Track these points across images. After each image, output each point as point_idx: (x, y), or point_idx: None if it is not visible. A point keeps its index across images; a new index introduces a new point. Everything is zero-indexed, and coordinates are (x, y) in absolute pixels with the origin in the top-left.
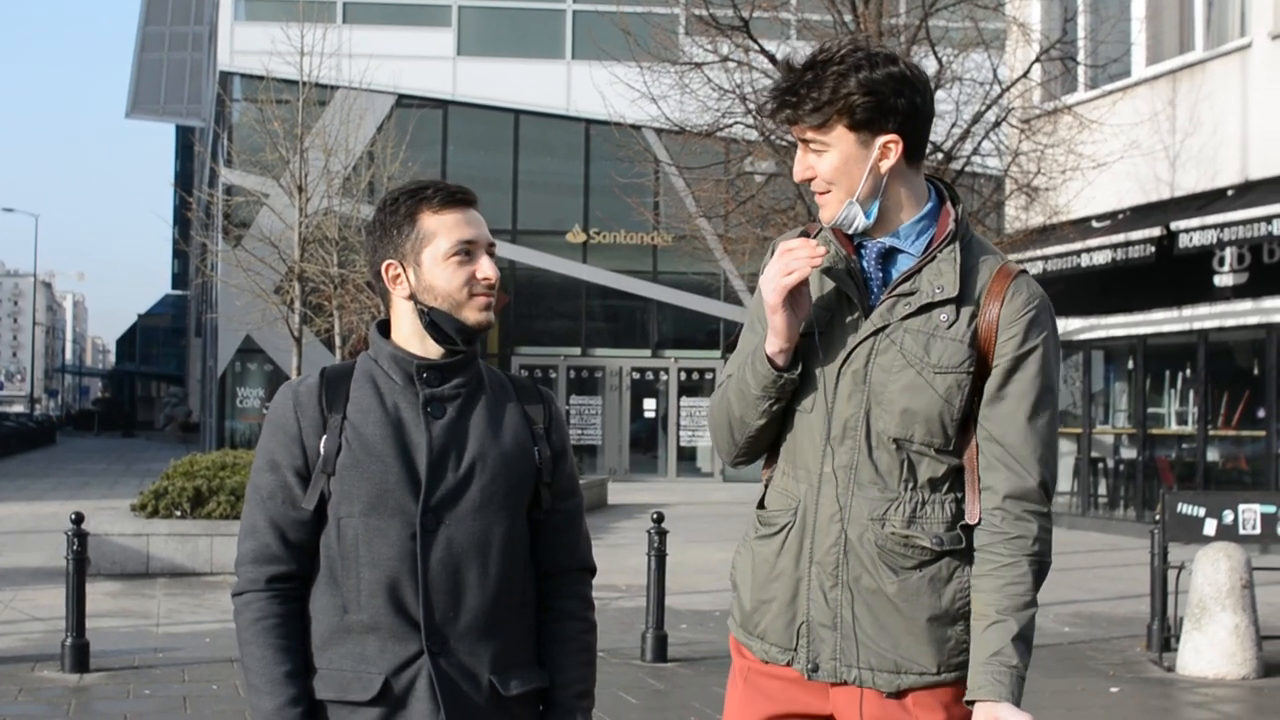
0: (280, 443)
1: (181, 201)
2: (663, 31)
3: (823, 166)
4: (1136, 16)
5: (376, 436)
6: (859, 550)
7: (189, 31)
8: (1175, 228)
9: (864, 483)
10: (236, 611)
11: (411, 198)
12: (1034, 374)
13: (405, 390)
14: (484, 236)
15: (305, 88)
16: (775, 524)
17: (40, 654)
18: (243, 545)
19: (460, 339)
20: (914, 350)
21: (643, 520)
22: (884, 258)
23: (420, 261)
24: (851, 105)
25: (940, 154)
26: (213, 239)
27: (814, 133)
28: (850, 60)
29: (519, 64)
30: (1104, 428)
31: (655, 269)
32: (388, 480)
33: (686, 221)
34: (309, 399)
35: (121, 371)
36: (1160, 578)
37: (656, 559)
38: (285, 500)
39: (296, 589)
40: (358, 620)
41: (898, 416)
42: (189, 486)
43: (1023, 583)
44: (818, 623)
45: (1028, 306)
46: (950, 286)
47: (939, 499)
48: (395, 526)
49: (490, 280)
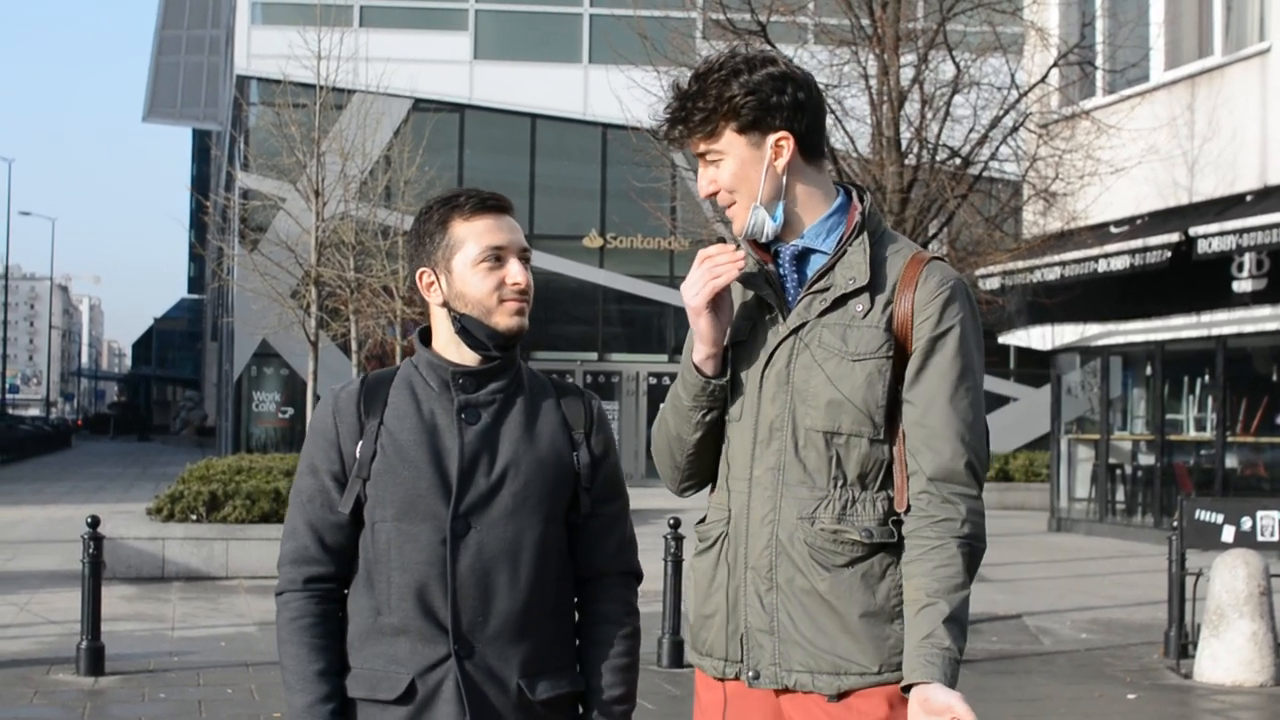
0: (319, 447)
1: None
2: (680, 36)
3: (722, 176)
4: (1155, 21)
5: (410, 442)
6: (790, 551)
7: (206, 35)
8: (1194, 233)
9: (792, 483)
10: (277, 610)
11: (444, 205)
12: (952, 354)
13: (441, 396)
14: (515, 242)
15: (322, 92)
16: (710, 536)
17: (55, 657)
18: (284, 546)
19: (492, 345)
20: (832, 342)
21: (659, 525)
22: (798, 260)
23: (451, 268)
24: (735, 107)
25: (958, 159)
26: (229, 243)
27: (706, 142)
28: (729, 66)
29: (536, 68)
30: (1122, 434)
31: (672, 273)
32: (419, 486)
33: (703, 226)
34: (348, 405)
35: (137, 375)
36: (1178, 584)
37: (673, 565)
38: (323, 504)
39: (334, 590)
40: (389, 622)
41: (823, 409)
42: (205, 490)
43: (952, 564)
44: (755, 629)
45: (940, 288)
46: (861, 276)
47: (869, 496)
48: (426, 531)
49: (520, 285)
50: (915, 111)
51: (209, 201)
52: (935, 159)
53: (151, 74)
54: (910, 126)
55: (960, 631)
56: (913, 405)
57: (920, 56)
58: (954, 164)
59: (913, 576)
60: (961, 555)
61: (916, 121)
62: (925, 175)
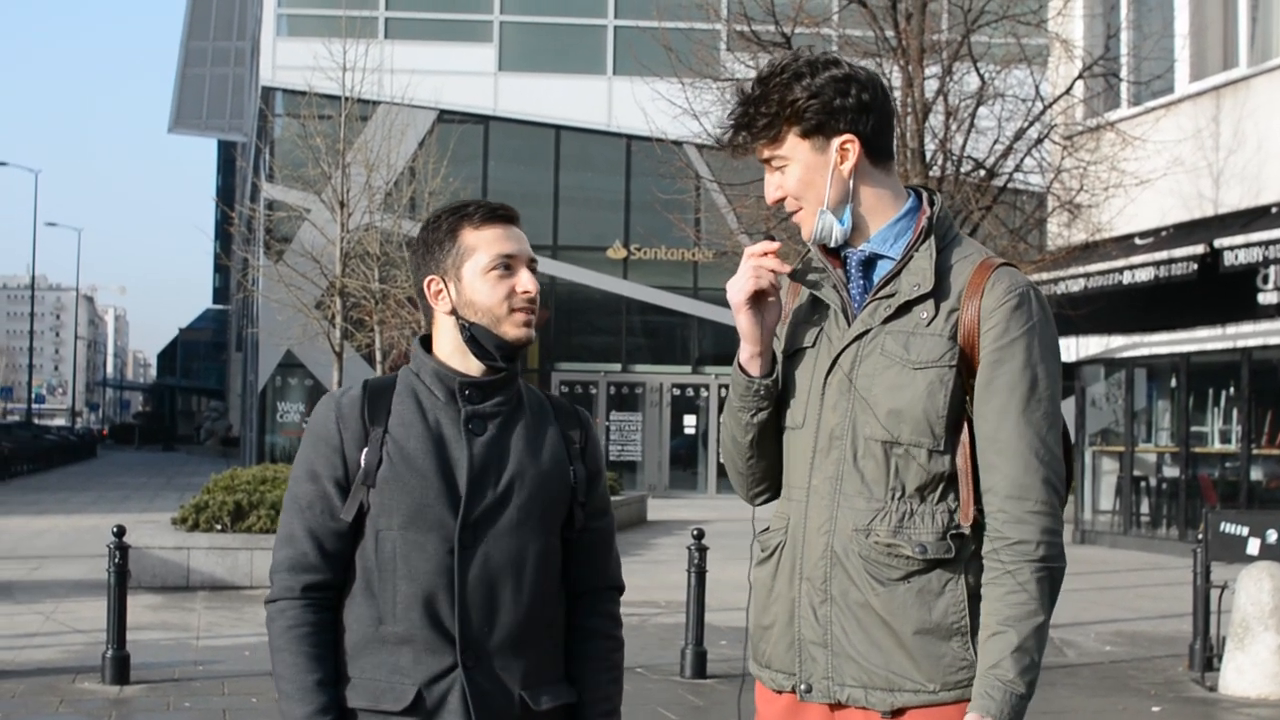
0: (321, 453)
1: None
2: (704, 48)
3: (788, 182)
4: (1180, 33)
5: (418, 451)
6: (845, 563)
7: (231, 47)
8: (1219, 245)
9: (849, 493)
10: (269, 619)
11: (453, 215)
12: (1021, 364)
13: (447, 406)
14: (524, 252)
15: (348, 103)
16: (770, 545)
17: (81, 666)
18: (279, 553)
19: (499, 354)
20: (894, 350)
21: (682, 537)
22: (867, 265)
23: (461, 276)
24: (799, 111)
25: (983, 170)
26: (254, 254)
27: (770, 148)
28: (792, 69)
29: (560, 79)
30: (1146, 446)
31: (696, 285)
32: (427, 495)
33: (727, 237)
34: (351, 410)
35: (162, 385)
36: (1203, 597)
37: (697, 575)
38: (324, 510)
39: (330, 598)
40: (392, 631)
41: (884, 418)
42: (229, 500)
43: (1024, 590)
44: (809, 641)
45: (1008, 294)
46: (926, 282)
47: (928, 509)
48: (433, 541)
49: (530, 294)
50: (940, 123)
51: (234, 213)
52: (960, 170)
53: (177, 85)
54: (935, 138)
55: (1029, 662)
56: (984, 419)
57: (945, 68)
58: (978, 176)
59: (987, 600)
60: (1036, 580)
61: (941, 133)
62: (950, 187)
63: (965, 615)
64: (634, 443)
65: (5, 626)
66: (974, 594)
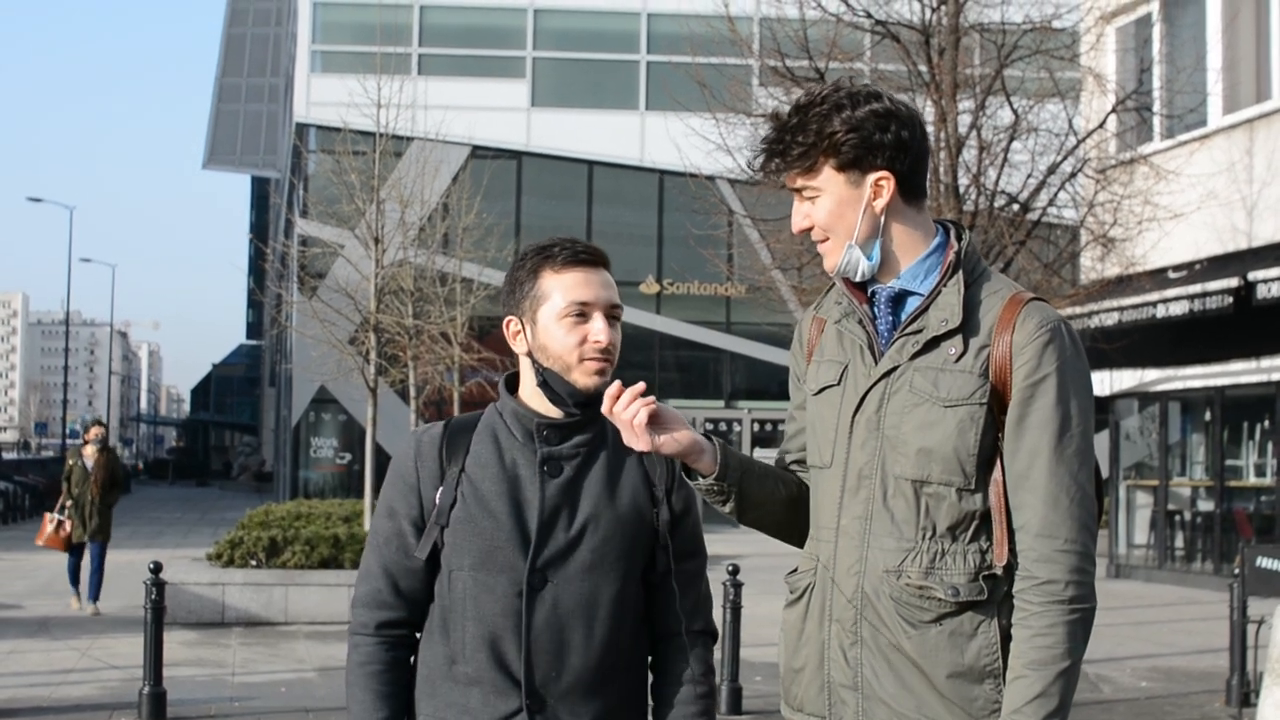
0: (399, 491)
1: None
2: (737, 83)
3: (818, 213)
4: (1212, 67)
5: (492, 492)
6: (875, 604)
7: (265, 83)
8: (1253, 278)
9: (879, 533)
10: (348, 650)
11: (538, 255)
12: (1052, 401)
13: (525, 447)
14: (604, 299)
15: (382, 139)
16: (799, 587)
17: (118, 702)
18: (359, 588)
19: (571, 401)
20: (924, 387)
21: (716, 571)
22: (895, 302)
23: (536, 319)
24: (836, 144)
25: (1016, 205)
26: (288, 289)
27: (804, 178)
28: (832, 100)
29: (593, 115)
30: (1181, 479)
31: (729, 320)
32: (498, 537)
33: (761, 273)
34: (430, 449)
35: (196, 421)
36: (1239, 632)
37: (732, 611)
38: (399, 548)
39: (405, 636)
40: (463, 672)
41: (913, 457)
42: (264, 536)
43: (1051, 634)
44: (839, 684)
45: (1039, 330)
46: (954, 318)
47: (959, 549)
48: (503, 583)
49: (602, 344)
50: (973, 158)
51: (268, 248)
52: (993, 205)
53: (211, 121)
54: (968, 173)
55: (1053, 708)
56: (1015, 457)
57: (978, 103)
58: (1012, 210)
59: (1016, 642)
60: (1064, 624)
61: (974, 167)
62: (983, 221)
63: (998, 657)
64: None
65: (42, 663)
66: (1006, 635)
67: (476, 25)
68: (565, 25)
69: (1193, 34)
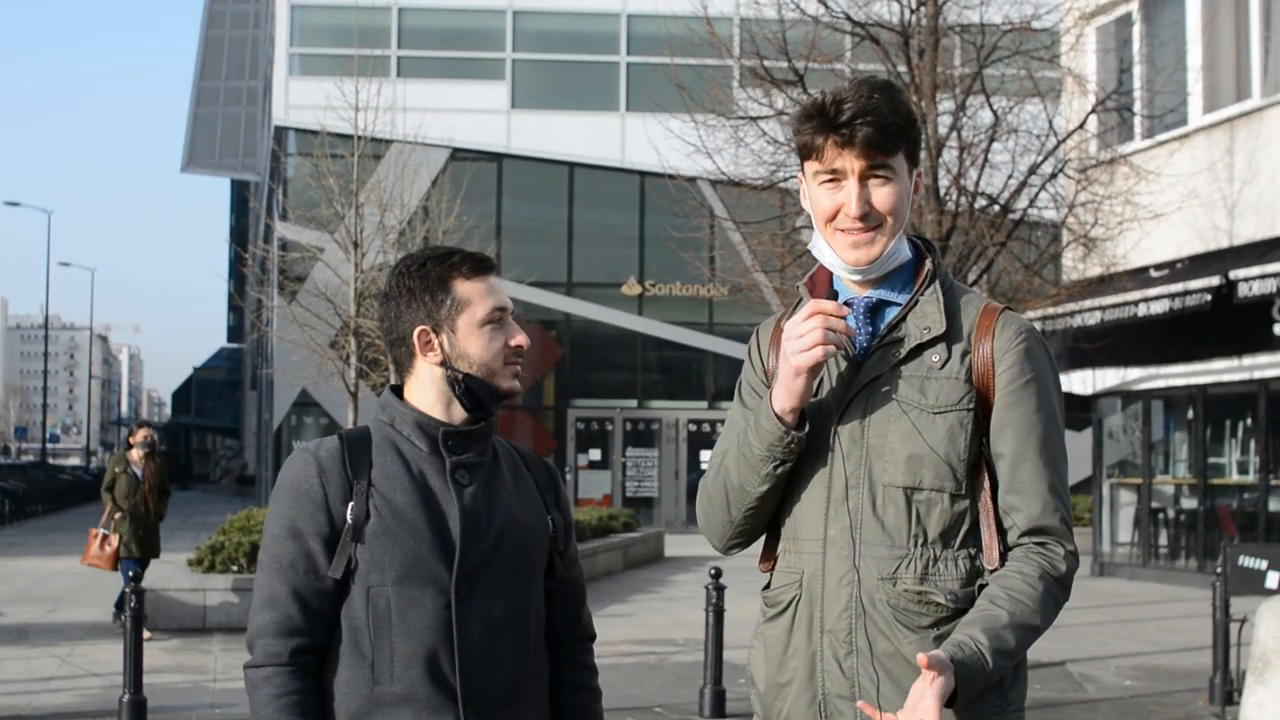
0: (304, 510)
1: (236, 256)
2: (716, 86)
3: (888, 197)
4: (1193, 66)
5: (406, 504)
6: (873, 613)
7: (244, 86)
8: (1234, 276)
9: (871, 542)
10: (253, 685)
11: (440, 263)
12: (1035, 405)
13: (431, 457)
14: (509, 304)
15: (361, 143)
16: (782, 601)
17: (98, 710)
18: (261, 617)
19: (493, 405)
20: (910, 395)
21: (699, 574)
22: (871, 312)
23: (455, 328)
24: (916, 131)
25: (997, 206)
26: (268, 293)
27: (884, 155)
28: (895, 88)
29: (573, 117)
30: (1164, 478)
31: (711, 321)
32: (420, 549)
33: (743, 275)
34: (332, 464)
35: (177, 424)
36: (1222, 631)
37: (715, 614)
38: (308, 569)
39: (316, 662)
40: (390, 692)
41: (903, 464)
42: (246, 541)
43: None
44: (834, 694)
45: (1018, 338)
46: (937, 325)
47: (951, 555)
48: (429, 596)
49: (524, 347)
50: (953, 159)
51: (248, 252)
52: (974, 206)
53: (190, 125)
54: (949, 174)
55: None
56: (1001, 459)
57: (958, 104)
58: (993, 211)
59: (996, 585)
60: (1044, 588)
61: (955, 169)
62: (964, 222)
63: None
64: (650, 479)
65: (21, 670)
66: None
67: (455, 27)
68: (544, 27)
69: (1172, 33)
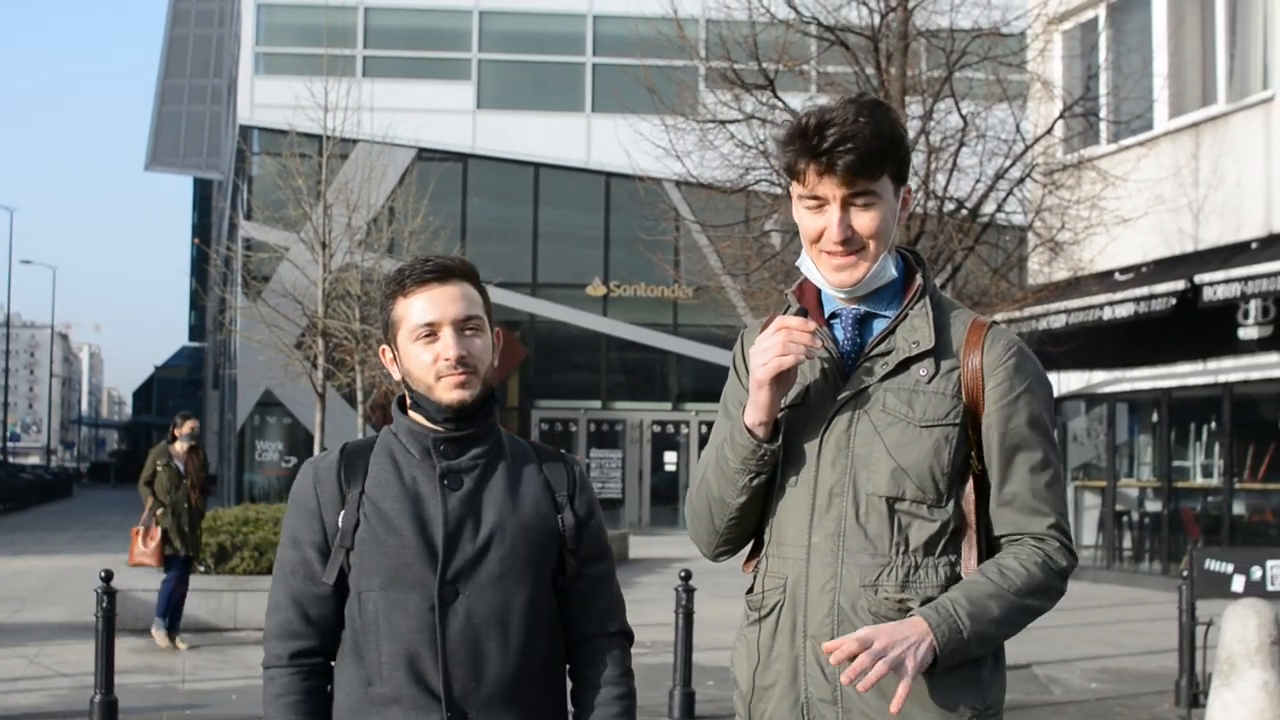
0: (301, 519)
1: (200, 254)
2: (684, 88)
3: (871, 222)
4: (1159, 73)
5: (394, 510)
6: (853, 619)
7: (208, 85)
8: (1199, 281)
9: (853, 549)
10: (264, 685)
11: (394, 282)
12: (1028, 419)
13: (423, 463)
14: (449, 314)
15: (330, 143)
16: (766, 605)
17: (68, 710)
18: (268, 620)
19: (442, 419)
20: (897, 408)
21: (665, 575)
22: (859, 324)
23: (399, 346)
24: (902, 152)
25: (965, 209)
26: (232, 293)
27: (866, 181)
28: (884, 107)
29: (539, 117)
30: (1129, 480)
31: (676, 322)
32: (405, 553)
33: (710, 277)
34: (328, 475)
35: (138, 423)
36: (1188, 634)
37: (684, 617)
38: (305, 576)
39: (320, 664)
40: (380, 693)
41: (887, 476)
42: (212, 542)
43: (1022, 569)
44: (817, 698)
45: (1007, 352)
46: (925, 340)
47: (932, 562)
48: (414, 599)
49: (451, 358)
50: (921, 163)
51: (212, 251)
52: (942, 210)
53: (154, 123)
54: (916, 177)
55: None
56: (996, 473)
57: (926, 108)
58: (961, 215)
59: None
60: (1040, 570)
61: (923, 173)
62: (932, 226)
63: (975, 666)
64: (614, 480)
65: None
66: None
67: (421, 27)
68: (511, 27)
69: (1139, 39)
